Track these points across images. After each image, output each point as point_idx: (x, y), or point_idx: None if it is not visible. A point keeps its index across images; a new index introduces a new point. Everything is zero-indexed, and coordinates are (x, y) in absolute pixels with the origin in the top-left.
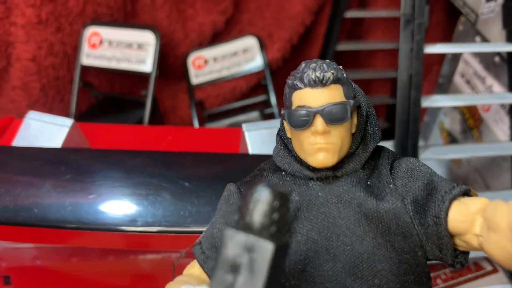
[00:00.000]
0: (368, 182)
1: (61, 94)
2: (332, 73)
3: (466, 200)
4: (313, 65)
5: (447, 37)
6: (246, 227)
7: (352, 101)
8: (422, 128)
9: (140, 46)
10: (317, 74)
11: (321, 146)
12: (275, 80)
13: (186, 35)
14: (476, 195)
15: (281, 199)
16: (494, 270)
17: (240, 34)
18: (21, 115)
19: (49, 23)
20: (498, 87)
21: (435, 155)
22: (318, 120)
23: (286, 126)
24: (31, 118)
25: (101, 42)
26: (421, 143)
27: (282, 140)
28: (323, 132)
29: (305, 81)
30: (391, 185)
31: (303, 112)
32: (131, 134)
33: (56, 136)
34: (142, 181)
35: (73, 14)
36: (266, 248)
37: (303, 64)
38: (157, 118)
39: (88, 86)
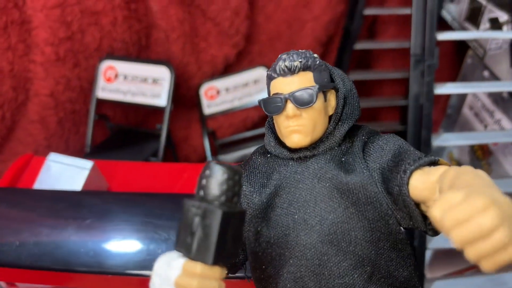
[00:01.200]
0: (343, 159)
1: (77, 127)
2: (300, 61)
3: (429, 169)
4: (284, 56)
5: (455, 69)
6: (201, 198)
7: (317, 86)
8: None
9: (155, 81)
10: (286, 64)
11: (293, 129)
12: None
13: (199, 67)
14: (447, 164)
15: (230, 174)
16: None
17: (251, 65)
18: (38, 148)
19: (67, 60)
20: (506, 122)
21: None
22: (289, 105)
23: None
24: (52, 161)
25: (116, 76)
26: None
27: (270, 126)
28: (294, 116)
29: (277, 71)
30: (361, 160)
31: (276, 99)
32: (148, 171)
33: (77, 178)
34: (161, 224)
35: (90, 50)
36: (216, 214)
37: (279, 56)
38: (170, 148)
39: (103, 119)
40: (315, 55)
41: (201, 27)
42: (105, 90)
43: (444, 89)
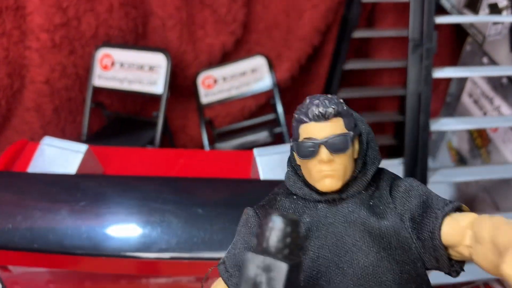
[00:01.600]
0: (370, 203)
1: (73, 115)
2: (333, 108)
3: (457, 215)
4: (316, 101)
5: (455, 56)
6: (264, 251)
7: (351, 133)
8: (430, 146)
9: (151, 68)
10: (320, 110)
11: (327, 173)
12: (284, 99)
13: (196, 56)
14: (468, 210)
15: (292, 225)
16: None
17: (249, 54)
18: (34, 136)
19: (63, 47)
20: (506, 108)
21: (445, 178)
22: (323, 150)
23: (295, 154)
24: (46, 144)
25: (112, 64)
26: (429, 161)
27: (293, 166)
28: (328, 161)
29: (310, 116)
30: (390, 205)
31: (309, 143)
32: (143, 157)
33: (71, 162)
34: (156, 207)
35: (86, 37)
36: (281, 268)
37: (307, 100)
38: (167, 137)
39: (100, 107)
40: (341, 101)
41: (198, 15)
42: (101, 78)
43: (442, 73)
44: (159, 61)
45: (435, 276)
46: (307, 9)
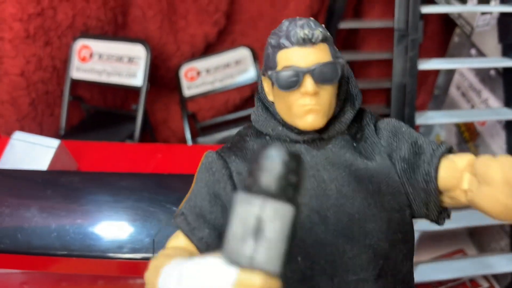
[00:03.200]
0: (354, 144)
1: (51, 109)
2: (321, 31)
3: (453, 157)
4: (300, 22)
5: (442, 48)
6: (262, 191)
7: (342, 60)
8: None
9: (130, 60)
10: (306, 32)
11: (311, 108)
12: None
13: (178, 47)
14: (457, 152)
15: (297, 161)
16: (491, 287)
17: (233, 45)
18: (10, 130)
19: (38, 37)
20: (494, 101)
21: None
22: (308, 81)
23: (267, 88)
24: (17, 139)
25: (91, 55)
26: None
27: (263, 103)
28: (314, 93)
29: (293, 39)
30: (378, 145)
31: (292, 72)
32: (120, 152)
33: (42, 158)
34: (131, 205)
35: (62, 27)
36: (286, 212)
37: (286, 22)
38: (149, 131)
39: (78, 100)
40: (323, 25)
41: (179, 4)
42: (79, 70)
43: (427, 64)
44: (138, 53)
45: (421, 274)
46: None
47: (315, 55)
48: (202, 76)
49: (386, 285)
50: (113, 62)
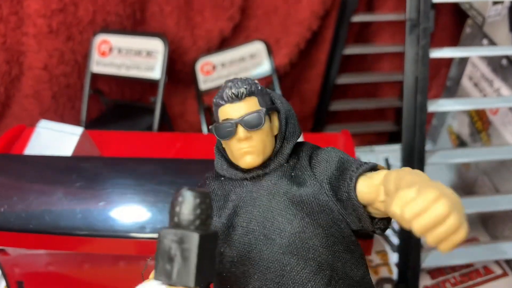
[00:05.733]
0: (292, 174)
1: (72, 102)
2: (245, 88)
3: (371, 174)
4: (229, 84)
5: (455, 40)
6: (176, 225)
7: (264, 109)
8: (431, 131)
9: (149, 54)
10: (233, 91)
11: (246, 150)
12: (283, 85)
13: (194, 42)
14: (384, 169)
15: (202, 198)
16: (504, 274)
17: (248, 39)
18: (33, 123)
19: (60, 33)
20: (506, 90)
21: (442, 160)
22: (239, 129)
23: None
24: (42, 127)
25: (110, 50)
26: (429, 146)
27: (219, 151)
28: (245, 138)
29: (225, 98)
30: (309, 173)
31: (227, 124)
32: (140, 141)
33: (67, 145)
34: (152, 188)
35: (83, 23)
36: (193, 238)
37: (223, 84)
38: (166, 124)
39: (98, 93)
40: (256, 81)
41: (196, 0)
42: (99, 65)
43: (439, 53)
44: (156, 47)
45: (434, 259)
46: None
47: (243, 108)
48: (217, 70)
49: None
50: (131, 56)
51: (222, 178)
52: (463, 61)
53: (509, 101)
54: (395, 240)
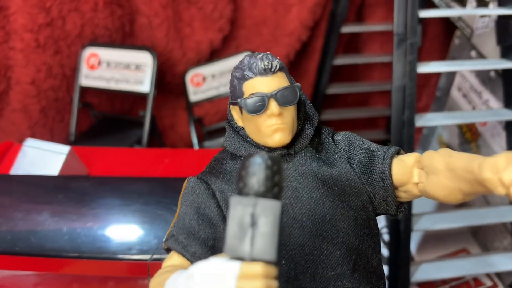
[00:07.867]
0: (317, 155)
1: (61, 115)
2: (278, 62)
3: (402, 157)
4: (259, 56)
5: (444, 50)
6: (252, 192)
7: (299, 84)
8: (421, 141)
9: (138, 67)
10: (266, 63)
11: (278, 127)
12: None
13: (184, 54)
14: (404, 153)
15: (277, 164)
16: (494, 286)
17: (238, 50)
18: (22, 137)
19: (48, 47)
20: (494, 102)
21: None
22: (272, 103)
23: (237, 115)
24: (29, 146)
25: (99, 63)
26: None
27: (234, 129)
28: (278, 114)
29: (255, 70)
30: (337, 154)
31: (258, 98)
32: (128, 157)
33: (53, 164)
34: (139, 208)
35: (71, 36)
36: (275, 207)
37: (247, 57)
38: (156, 136)
39: (87, 107)
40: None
41: (185, 12)
42: (88, 78)
43: (426, 67)
44: (145, 60)
45: (425, 272)
46: (294, 4)
47: (275, 82)
48: (207, 82)
49: (361, 278)
50: (121, 69)
51: (242, 159)
52: (452, 72)
53: (497, 115)
54: (385, 252)
